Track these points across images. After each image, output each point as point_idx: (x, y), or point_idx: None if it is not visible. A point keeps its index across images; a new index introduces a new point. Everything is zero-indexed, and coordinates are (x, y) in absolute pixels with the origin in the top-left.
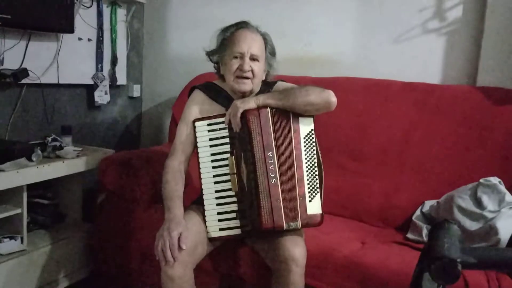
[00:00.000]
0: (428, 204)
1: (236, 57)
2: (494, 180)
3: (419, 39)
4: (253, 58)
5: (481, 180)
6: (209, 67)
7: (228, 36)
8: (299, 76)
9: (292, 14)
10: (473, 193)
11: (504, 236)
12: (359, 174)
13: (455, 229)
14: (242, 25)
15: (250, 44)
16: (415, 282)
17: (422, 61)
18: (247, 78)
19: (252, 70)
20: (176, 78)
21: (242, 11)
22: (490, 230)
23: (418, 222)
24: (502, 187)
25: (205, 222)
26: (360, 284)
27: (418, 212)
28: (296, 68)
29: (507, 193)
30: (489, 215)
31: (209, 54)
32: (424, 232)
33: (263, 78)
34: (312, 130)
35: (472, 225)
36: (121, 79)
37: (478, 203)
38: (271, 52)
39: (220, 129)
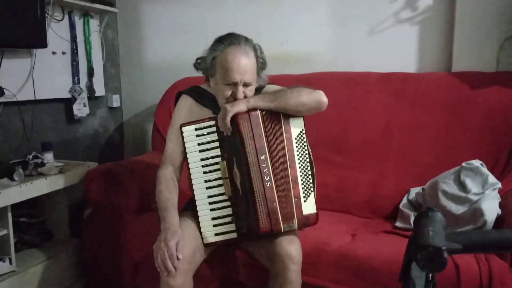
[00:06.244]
0: (414, 191)
1: (229, 84)
2: (476, 162)
3: (393, 29)
4: (246, 84)
5: (463, 164)
6: (188, 73)
7: (219, 55)
8: (277, 74)
9: (267, 13)
10: (456, 177)
11: (490, 218)
12: (345, 167)
13: (438, 216)
14: (233, 41)
15: (243, 73)
16: (404, 273)
17: (397, 51)
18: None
19: (245, 95)
20: (155, 86)
21: (216, 14)
22: (476, 213)
23: (405, 210)
24: (484, 169)
25: (200, 228)
26: (353, 276)
27: (404, 200)
28: (273, 67)
29: (490, 175)
30: (474, 198)
31: (197, 65)
32: (412, 219)
33: None
34: (302, 130)
35: (458, 209)
36: (99, 91)
37: (462, 186)
38: (261, 67)
39: (209, 133)
